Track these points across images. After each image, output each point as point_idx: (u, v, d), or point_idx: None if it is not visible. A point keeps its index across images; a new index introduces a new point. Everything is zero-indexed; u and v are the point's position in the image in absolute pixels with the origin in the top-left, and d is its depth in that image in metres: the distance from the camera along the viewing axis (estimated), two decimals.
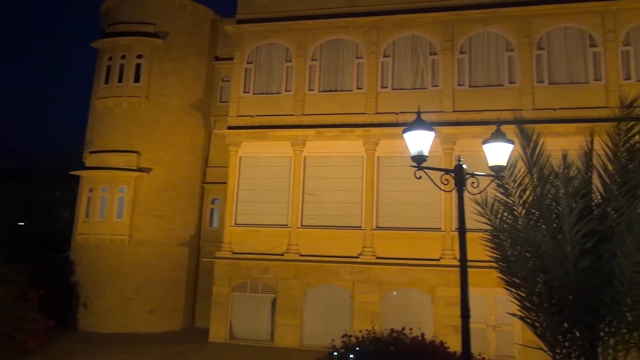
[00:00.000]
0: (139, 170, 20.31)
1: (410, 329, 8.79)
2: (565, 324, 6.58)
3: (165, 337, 18.76)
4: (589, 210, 6.72)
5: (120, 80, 21.04)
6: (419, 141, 6.81)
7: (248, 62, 19.68)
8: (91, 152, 20.89)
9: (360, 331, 8.92)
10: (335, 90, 18.81)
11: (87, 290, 19.69)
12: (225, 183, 19.25)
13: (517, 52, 17.65)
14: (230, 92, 20.11)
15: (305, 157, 18.59)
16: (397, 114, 17.47)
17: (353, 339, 8.62)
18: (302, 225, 18.02)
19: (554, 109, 16.80)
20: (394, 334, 8.52)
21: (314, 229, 17.87)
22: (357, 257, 17.26)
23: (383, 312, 16.70)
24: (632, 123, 6.69)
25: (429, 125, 6.95)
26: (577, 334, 6.58)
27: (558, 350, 6.61)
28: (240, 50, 19.78)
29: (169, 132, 21.12)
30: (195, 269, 21.53)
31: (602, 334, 6.39)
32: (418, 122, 6.91)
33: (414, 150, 6.83)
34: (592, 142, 7.31)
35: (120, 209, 20.10)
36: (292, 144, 18.53)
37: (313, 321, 17.25)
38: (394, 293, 17.06)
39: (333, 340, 8.78)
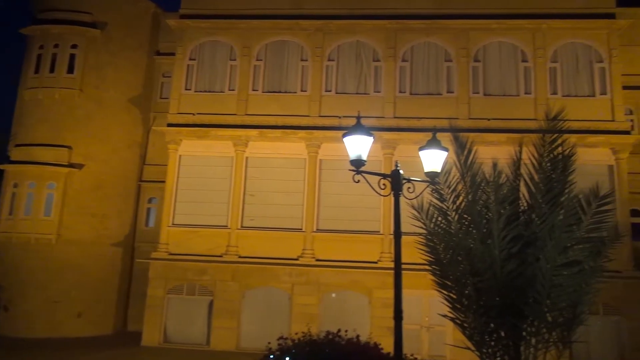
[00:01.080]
0: (70, 166, 19.30)
1: (346, 331, 8.89)
2: (492, 325, 6.89)
3: (94, 341, 17.89)
4: (516, 217, 7.08)
5: (52, 71, 19.90)
6: (358, 145, 6.93)
7: (190, 59, 19.22)
8: (17, 145, 19.63)
9: (296, 333, 8.92)
10: (280, 92, 18.77)
11: (9, 292, 18.42)
12: (164, 182, 18.69)
13: (455, 63, 18.36)
14: (171, 88, 19.55)
15: (247, 157, 18.40)
16: (340, 117, 17.65)
17: (289, 342, 8.60)
18: (242, 227, 17.81)
19: (488, 119, 17.61)
20: (330, 336, 8.58)
21: (254, 230, 17.72)
22: (297, 259, 17.27)
23: (321, 314, 16.81)
24: (555, 135, 7.12)
25: (367, 130, 7.08)
26: (502, 333, 6.91)
27: (484, 350, 6.90)
28: (182, 45, 19.29)
29: (105, 127, 20.21)
30: (129, 271, 20.72)
31: (524, 333, 6.74)
32: (357, 127, 7.03)
33: (352, 154, 6.93)
34: (520, 152, 7.70)
35: (48, 206, 19.00)
36: (235, 144, 18.29)
37: (251, 324, 17.08)
38: (333, 295, 17.21)
39: (269, 342, 8.73)
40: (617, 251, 8.73)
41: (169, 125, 18.59)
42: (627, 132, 17.60)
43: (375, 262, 16.87)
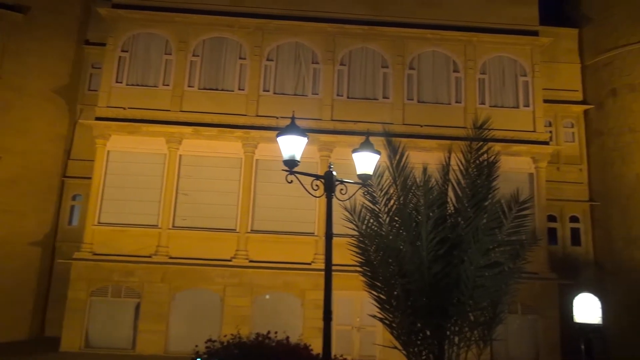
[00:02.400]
0: None
1: (276, 333, 8.83)
2: (419, 324, 7.08)
3: (8, 348, 16.58)
4: (444, 220, 7.33)
5: None
6: (292, 146, 6.90)
7: (123, 50, 18.39)
8: None
9: (225, 336, 8.74)
10: (216, 89, 18.39)
11: None
12: (90, 178, 17.72)
13: (392, 70, 18.84)
14: (100, 80, 18.58)
15: (180, 155, 17.87)
16: (277, 118, 17.56)
17: (217, 344, 8.41)
18: (173, 226, 17.25)
19: (421, 125, 18.22)
20: (260, 338, 8.49)
21: (186, 230, 17.23)
22: (230, 260, 16.98)
23: (254, 315, 16.61)
24: (481, 143, 7.45)
25: (302, 131, 7.07)
26: (428, 333, 7.12)
27: (411, 349, 7.08)
28: (114, 36, 18.42)
29: (25, 117, 18.85)
30: (49, 272, 19.44)
31: (448, 332, 6.99)
32: (292, 127, 7.00)
33: (286, 154, 6.90)
34: (449, 158, 7.98)
35: None
36: (167, 141, 17.70)
37: (180, 326, 16.56)
38: (267, 297, 17.07)
39: (197, 345, 8.49)
40: (535, 254, 9.29)
41: (97, 119, 17.68)
42: (546, 143, 18.82)
43: (309, 264, 16.93)
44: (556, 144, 20.57)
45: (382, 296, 7.30)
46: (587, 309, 13.11)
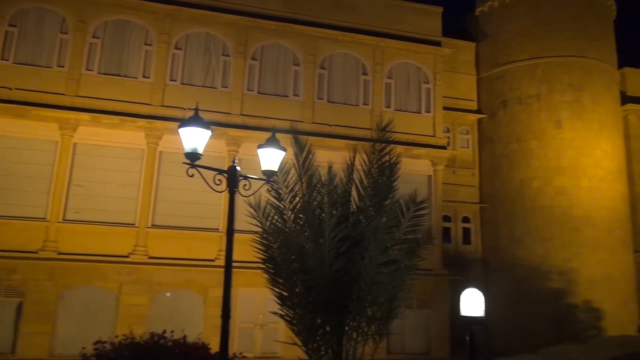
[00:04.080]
0: None
1: (172, 332, 8.50)
2: (319, 320, 7.20)
3: None
4: (346, 218, 7.50)
5: None
6: (195, 138, 6.67)
7: (10, 25, 16.65)
8: None
9: (116, 336, 8.25)
10: (119, 75, 17.32)
11: None
12: None
13: (303, 68, 18.97)
14: None
15: (75, 143, 16.59)
16: (184, 109, 16.82)
17: (108, 345, 7.90)
18: (64, 220, 15.98)
19: (330, 125, 18.56)
20: (155, 338, 8.11)
21: (79, 224, 16.03)
22: (128, 257, 16.08)
23: (152, 315, 15.87)
24: (384, 145, 7.73)
25: (206, 124, 6.86)
26: (328, 329, 7.25)
27: (310, 345, 7.17)
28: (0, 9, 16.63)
29: None
30: None
31: (347, 328, 7.17)
32: (195, 119, 6.77)
33: (188, 146, 6.65)
34: (354, 158, 8.19)
35: None
36: (61, 128, 16.33)
37: (69, 327, 15.34)
38: (167, 294, 16.42)
39: (84, 348, 7.91)
40: (430, 251, 9.86)
41: None
42: (444, 148, 20.05)
43: (213, 260, 16.52)
44: (453, 149, 21.99)
45: (284, 293, 7.32)
46: (472, 303, 14.15)
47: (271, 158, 7.59)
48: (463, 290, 16.07)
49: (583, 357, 7.88)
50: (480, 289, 15.33)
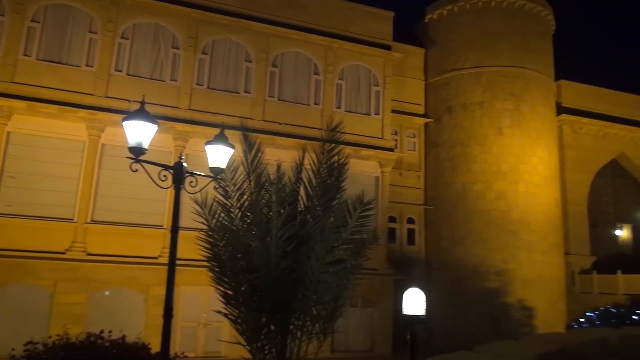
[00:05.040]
0: None
1: (110, 332, 8.18)
2: (264, 319, 7.16)
3: None
4: (294, 217, 7.49)
5: None
6: (139, 132, 6.45)
7: None
8: None
9: (49, 337, 7.85)
10: (59, 62, 16.51)
11: None
12: None
13: (255, 65, 18.81)
14: None
15: (9, 132, 15.68)
16: (129, 101, 16.25)
17: (40, 347, 7.50)
18: None
19: (280, 123, 18.50)
20: (92, 338, 7.78)
21: (10, 218, 15.14)
22: (64, 253, 15.36)
23: (90, 314, 15.24)
24: (333, 145, 7.79)
25: (152, 117, 6.65)
26: (273, 328, 7.23)
27: (254, 345, 7.12)
28: None
29: None
30: None
31: (292, 327, 7.17)
32: (141, 112, 6.55)
33: (132, 141, 6.42)
34: (303, 157, 8.19)
35: None
36: None
37: None
38: (106, 293, 15.81)
39: (13, 349, 7.47)
40: (375, 252, 10.01)
41: None
42: (392, 150, 20.48)
43: (156, 258, 16.08)
44: (400, 152, 22.50)
45: (229, 292, 7.22)
46: (414, 302, 14.54)
47: (219, 155, 7.46)
48: (406, 289, 16.49)
49: (514, 353, 8.28)
50: (422, 289, 15.75)
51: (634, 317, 17.71)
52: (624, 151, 27.80)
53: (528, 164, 22.23)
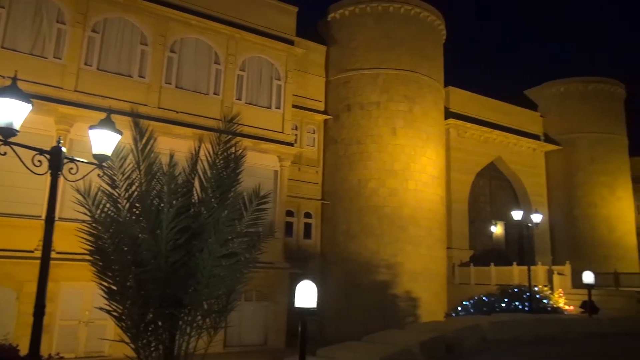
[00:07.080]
0: None
1: None
2: (150, 315, 6.83)
3: None
4: (187, 209, 7.24)
5: None
6: (10, 111, 5.80)
7: None
8: None
9: None
10: None
11: None
12: None
13: (151, 49, 17.85)
14: None
15: None
16: (4, 77, 14.68)
17: None
18: None
19: (176, 112, 17.76)
20: None
21: None
22: None
23: None
24: (230, 136, 7.64)
25: (25, 96, 6.01)
26: (160, 324, 6.93)
27: (140, 342, 6.78)
28: None
29: None
30: None
31: (181, 322, 6.93)
32: (12, 89, 5.89)
33: (1, 120, 5.75)
34: (199, 148, 7.92)
35: None
36: None
37: None
38: None
39: None
40: (272, 245, 10.03)
41: None
42: (291, 144, 20.62)
43: (32, 252, 14.62)
44: (300, 147, 22.74)
45: (113, 287, 6.79)
46: (306, 295, 14.78)
47: (104, 141, 6.96)
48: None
49: (399, 341, 8.77)
50: (316, 282, 16.05)
51: (502, 304, 19.62)
52: (501, 155, 30.74)
53: (418, 163, 23.62)
